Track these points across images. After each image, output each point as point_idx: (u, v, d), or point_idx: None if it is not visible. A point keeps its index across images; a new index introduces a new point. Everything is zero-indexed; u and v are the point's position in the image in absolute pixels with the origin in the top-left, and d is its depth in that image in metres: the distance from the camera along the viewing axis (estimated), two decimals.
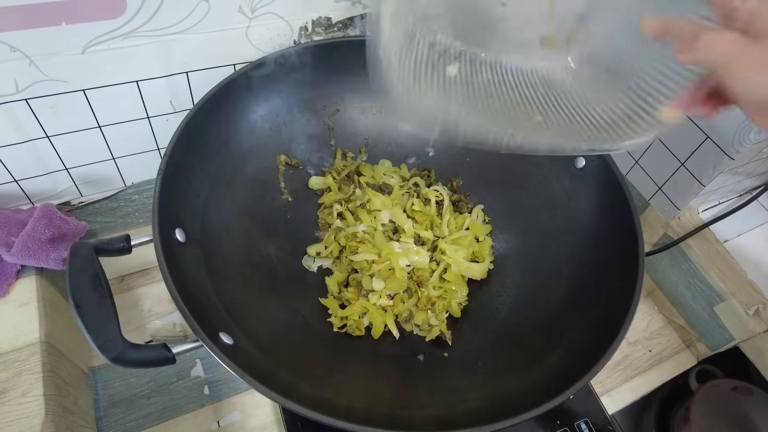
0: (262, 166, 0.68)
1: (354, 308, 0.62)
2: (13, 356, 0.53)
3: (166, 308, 0.70)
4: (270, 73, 0.63)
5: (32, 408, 0.50)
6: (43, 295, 0.59)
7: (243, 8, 0.58)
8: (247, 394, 0.64)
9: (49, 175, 0.63)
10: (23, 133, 0.57)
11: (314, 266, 0.67)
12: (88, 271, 0.43)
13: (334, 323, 0.62)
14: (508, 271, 0.69)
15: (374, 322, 0.62)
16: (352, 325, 0.62)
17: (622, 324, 0.49)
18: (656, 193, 0.76)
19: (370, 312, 0.62)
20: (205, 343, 0.42)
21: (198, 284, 0.51)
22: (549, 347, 0.56)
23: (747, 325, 0.67)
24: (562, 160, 0.66)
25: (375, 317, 0.62)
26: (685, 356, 0.78)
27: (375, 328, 0.62)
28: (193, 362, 0.66)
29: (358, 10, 0.65)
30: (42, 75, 0.53)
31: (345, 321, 0.62)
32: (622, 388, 0.73)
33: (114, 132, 0.62)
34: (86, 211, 0.69)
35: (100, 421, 0.60)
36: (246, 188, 0.65)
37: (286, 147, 0.70)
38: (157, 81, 0.60)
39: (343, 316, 0.62)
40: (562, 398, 0.44)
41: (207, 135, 0.59)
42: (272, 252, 0.65)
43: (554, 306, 0.61)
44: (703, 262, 0.71)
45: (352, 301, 0.63)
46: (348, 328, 0.62)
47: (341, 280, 0.66)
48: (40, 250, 0.58)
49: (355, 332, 0.62)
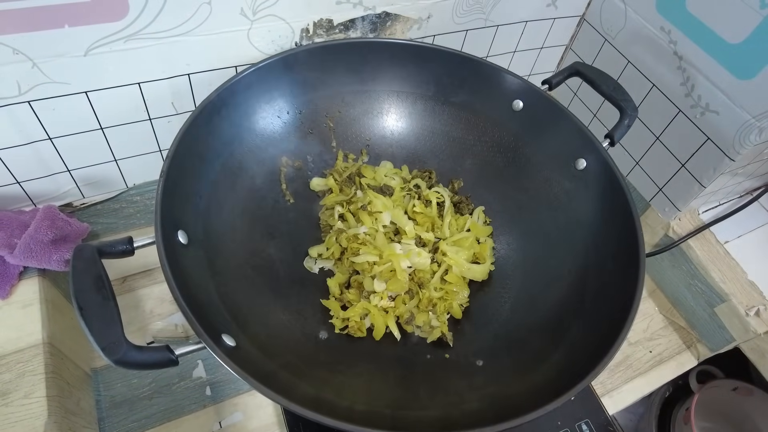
0: (264, 168, 0.68)
1: (355, 310, 0.62)
2: (15, 357, 0.54)
3: (167, 309, 0.70)
4: (271, 75, 0.63)
5: (35, 409, 0.50)
6: (46, 296, 0.59)
7: (245, 10, 0.58)
8: (249, 395, 0.64)
9: (51, 176, 0.63)
10: (26, 135, 0.57)
11: (316, 268, 0.68)
12: (91, 273, 0.43)
13: (335, 324, 0.62)
14: (509, 272, 0.69)
15: (375, 324, 0.62)
16: (354, 326, 0.62)
17: (623, 325, 0.49)
18: (657, 194, 0.76)
19: (372, 313, 0.62)
20: (208, 344, 0.42)
21: (200, 286, 0.51)
22: (550, 348, 0.57)
23: (747, 326, 0.68)
24: (563, 161, 0.67)
25: (376, 319, 0.62)
26: (686, 357, 0.78)
27: (376, 330, 0.62)
28: (195, 363, 0.66)
29: (359, 12, 0.65)
30: (44, 77, 0.53)
31: (346, 322, 0.62)
32: (623, 388, 0.73)
33: (116, 134, 0.63)
34: (88, 212, 0.70)
35: (102, 422, 0.60)
36: (248, 190, 0.65)
37: (287, 149, 0.70)
38: (159, 83, 0.60)
39: (344, 318, 0.62)
40: (564, 399, 0.44)
41: (209, 137, 0.59)
42: (274, 253, 0.65)
43: (555, 307, 0.61)
44: (703, 263, 0.71)
45: (354, 303, 0.63)
46: (350, 330, 0.62)
47: (342, 282, 0.66)
48: (43, 252, 0.58)
49: (356, 333, 0.62)
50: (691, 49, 0.66)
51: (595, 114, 0.85)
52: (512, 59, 0.86)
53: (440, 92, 0.73)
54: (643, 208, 0.79)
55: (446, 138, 0.75)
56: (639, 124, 0.75)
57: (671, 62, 0.69)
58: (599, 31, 0.81)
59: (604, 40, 0.80)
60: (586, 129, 0.64)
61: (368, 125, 0.74)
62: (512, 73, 0.69)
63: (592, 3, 0.81)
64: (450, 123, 0.75)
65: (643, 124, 0.75)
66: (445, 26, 0.73)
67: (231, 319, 0.51)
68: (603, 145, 0.63)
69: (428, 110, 0.75)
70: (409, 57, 0.70)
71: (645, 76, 0.74)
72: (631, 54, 0.76)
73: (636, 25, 0.73)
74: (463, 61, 0.69)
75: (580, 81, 0.67)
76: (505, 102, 0.70)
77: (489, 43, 0.80)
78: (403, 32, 0.71)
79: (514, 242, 0.71)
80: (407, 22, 0.70)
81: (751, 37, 0.60)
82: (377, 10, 0.66)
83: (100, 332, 0.40)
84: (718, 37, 0.63)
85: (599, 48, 0.82)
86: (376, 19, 0.67)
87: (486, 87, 0.70)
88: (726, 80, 0.63)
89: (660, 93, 0.72)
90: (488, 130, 0.73)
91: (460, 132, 0.75)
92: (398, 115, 0.75)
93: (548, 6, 0.79)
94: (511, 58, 0.85)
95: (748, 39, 0.60)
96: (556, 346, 0.56)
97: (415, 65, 0.71)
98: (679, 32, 0.67)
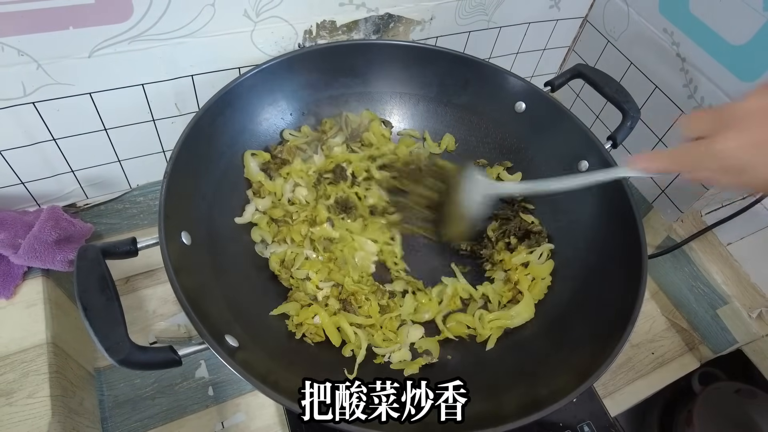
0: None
1: (307, 312, 0.57)
2: (19, 357, 0.54)
3: (170, 309, 0.70)
4: (275, 77, 0.64)
5: (39, 409, 0.51)
6: (50, 296, 0.59)
7: (248, 12, 0.58)
8: (252, 396, 0.64)
9: (55, 177, 0.63)
10: (30, 135, 0.57)
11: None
12: (95, 273, 0.43)
13: (292, 330, 0.58)
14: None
15: (324, 325, 0.57)
16: (310, 329, 0.57)
17: (626, 326, 0.49)
18: (659, 196, 0.76)
19: (320, 315, 0.58)
20: (211, 345, 0.42)
21: (204, 287, 0.51)
22: (552, 349, 0.57)
23: (750, 328, 0.67)
24: (565, 163, 0.67)
25: (323, 317, 0.57)
26: (688, 359, 0.78)
27: (328, 332, 0.57)
28: (197, 363, 0.66)
29: (362, 13, 0.66)
30: (49, 78, 0.53)
31: (301, 328, 0.57)
32: (625, 390, 0.73)
33: (120, 134, 0.63)
34: (92, 212, 0.70)
35: (105, 421, 0.60)
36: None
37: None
38: (162, 84, 0.60)
39: (298, 323, 0.58)
40: (566, 401, 0.44)
41: (212, 138, 0.59)
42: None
43: (557, 308, 0.61)
44: (706, 265, 0.71)
45: (296, 279, 0.60)
46: (307, 335, 0.57)
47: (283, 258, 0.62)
48: (47, 252, 0.58)
49: (315, 339, 0.57)
50: (694, 50, 0.66)
51: (597, 116, 0.85)
52: (515, 61, 0.86)
53: (443, 94, 0.73)
54: (645, 210, 0.79)
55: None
56: (641, 126, 0.75)
57: (674, 64, 0.69)
58: (602, 33, 0.81)
59: (606, 42, 0.80)
60: (589, 131, 0.64)
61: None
62: (515, 74, 0.69)
63: (595, 4, 0.81)
64: (453, 125, 0.75)
65: (645, 125, 0.75)
66: (448, 28, 0.73)
67: (234, 320, 0.52)
68: (605, 146, 0.63)
69: (431, 112, 0.75)
70: (411, 58, 0.70)
71: (648, 78, 0.74)
72: (633, 55, 0.76)
73: (639, 27, 0.73)
74: (466, 62, 0.69)
75: (582, 83, 0.67)
76: (508, 103, 0.70)
77: (492, 44, 0.80)
78: (406, 34, 0.71)
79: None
80: (410, 24, 0.70)
81: (754, 38, 0.59)
82: (380, 12, 0.66)
83: (104, 332, 0.40)
84: (721, 38, 0.63)
85: (602, 49, 0.81)
86: (379, 20, 0.67)
87: (489, 89, 0.70)
88: (729, 82, 0.63)
89: (663, 95, 0.72)
90: (491, 131, 0.74)
91: (463, 133, 0.75)
92: (401, 116, 0.75)
93: (551, 7, 0.79)
94: (513, 59, 0.85)
95: (751, 41, 0.60)
96: (558, 347, 0.56)
97: (418, 67, 0.71)
98: (682, 34, 0.67)
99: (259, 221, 0.63)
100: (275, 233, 0.64)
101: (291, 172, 0.67)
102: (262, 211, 0.65)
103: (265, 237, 0.63)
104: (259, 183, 0.65)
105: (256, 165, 0.65)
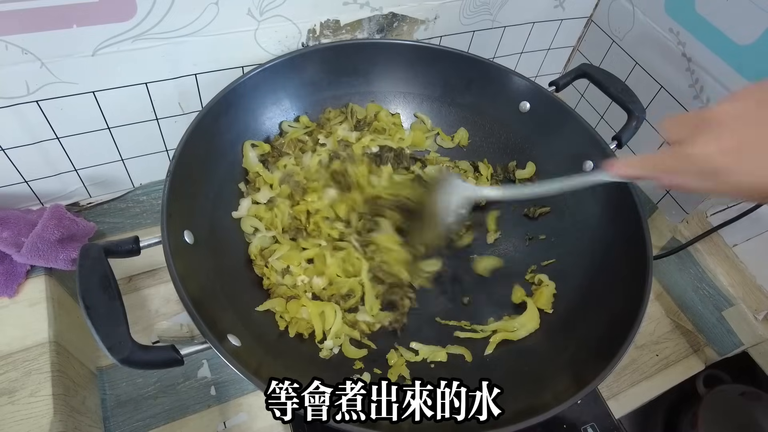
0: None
1: (293, 306, 0.57)
2: (22, 356, 0.54)
3: (173, 309, 0.70)
4: (278, 76, 0.64)
5: (41, 407, 0.51)
6: (52, 295, 0.59)
7: (252, 11, 0.58)
8: (254, 396, 0.64)
9: (58, 176, 0.63)
10: (33, 134, 0.57)
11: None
12: (97, 272, 0.43)
13: (283, 327, 0.57)
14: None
15: (312, 317, 0.57)
16: (301, 324, 0.57)
17: (630, 328, 0.49)
18: (664, 197, 0.76)
19: (306, 305, 0.58)
20: (214, 345, 0.42)
21: (206, 286, 0.51)
22: (556, 351, 0.56)
23: (756, 330, 0.67)
24: (570, 163, 0.66)
25: (309, 307, 0.57)
26: (693, 361, 0.77)
27: (317, 325, 0.57)
28: (200, 363, 0.66)
29: (366, 12, 0.65)
30: (53, 77, 0.53)
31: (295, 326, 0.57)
32: (629, 392, 0.72)
33: (123, 133, 0.63)
34: (95, 211, 0.70)
35: (107, 420, 0.60)
36: None
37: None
38: (166, 83, 0.60)
39: (289, 320, 0.57)
40: (570, 403, 0.44)
41: (215, 137, 0.59)
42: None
43: (562, 310, 0.61)
44: (711, 267, 0.70)
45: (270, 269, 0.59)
46: (300, 330, 0.57)
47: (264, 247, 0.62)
48: (50, 251, 0.58)
49: (309, 332, 0.57)
50: (700, 50, 0.66)
51: (602, 116, 0.85)
52: (519, 60, 0.85)
53: (447, 93, 0.73)
54: (650, 211, 0.78)
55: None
56: (647, 126, 0.74)
57: (680, 64, 0.69)
58: (607, 33, 0.81)
59: (611, 42, 0.80)
60: (594, 131, 0.64)
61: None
62: (519, 74, 0.68)
63: (600, 4, 0.81)
64: (457, 124, 0.75)
65: (651, 126, 0.75)
66: (452, 27, 0.73)
67: (237, 319, 0.51)
68: (610, 147, 0.62)
69: (435, 111, 0.74)
70: (415, 58, 0.70)
71: (653, 78, 0.74)
72: (638, 55, 0.76)
73: (644, 27, 0.73)
74: (470, 62, 0.69)
75: (587, 82, 0.67)
76: (512, 103, 0.70)
77: (496, 44, 0.80)
78: (410, 33, 0.71)
79: (521, 245, 0.70)
80: (414, 23, 0.70)
81: (761, 38, 0.59)
82: (384, 11, 0.66)
83: (107, 331, 0.40)
84: (727, 38, 0.62)
85: (607, 49, 0.81)
86: (383, 19, 0.67)
87: (493, 88, 0.70)
88: (735, 82, 0.62)
89: (668, 95, 0.72)
90: (495, 131, 0.73)
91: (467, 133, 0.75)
92: (405, 116, 0.75)
93: (556, 7, 0.79)
94: (518, 59, 0.85)
95: (758, 41, 0.59)
96: (562, 348, 0.56)
97: (422, 66, 0.70)
98: (687, 34, 0.67)
99: (248, 212, 0.63)
100: (267, 222, 0.63)
101: (288, 165, 0.66)
102: (256, 202, 0.64)
103: (257, 226, 0.62)
104: (256, 173, 0.64)
105: (255, 156, 0.65)
